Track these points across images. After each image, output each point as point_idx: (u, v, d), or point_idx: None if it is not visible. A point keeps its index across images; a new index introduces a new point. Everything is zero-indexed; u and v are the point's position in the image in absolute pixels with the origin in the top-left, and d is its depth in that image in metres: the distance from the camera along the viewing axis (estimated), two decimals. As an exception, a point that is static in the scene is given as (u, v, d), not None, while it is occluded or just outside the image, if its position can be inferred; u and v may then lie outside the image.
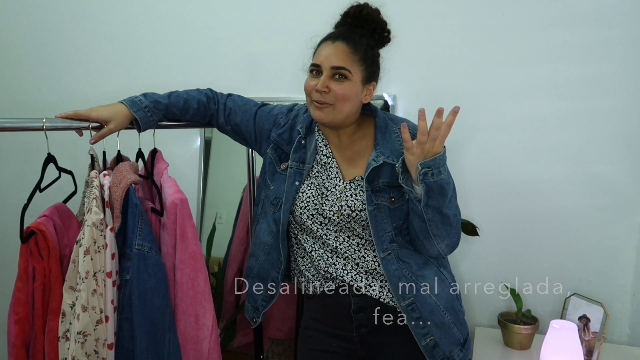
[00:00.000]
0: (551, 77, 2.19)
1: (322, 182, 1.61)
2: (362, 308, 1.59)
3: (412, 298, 1.54)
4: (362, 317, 1.59)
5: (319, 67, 1.52)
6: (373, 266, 1.57)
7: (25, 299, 1.39)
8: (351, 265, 1.58)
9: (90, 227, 1.37)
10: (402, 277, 1.54)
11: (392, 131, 1.61)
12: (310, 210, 1.58)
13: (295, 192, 1.61)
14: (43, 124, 1.40)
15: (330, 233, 1.59)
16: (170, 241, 1.53)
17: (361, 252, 1.58)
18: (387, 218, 1.55)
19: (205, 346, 1.56)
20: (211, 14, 2.53)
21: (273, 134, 1.67)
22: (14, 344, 1.38)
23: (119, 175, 1.47)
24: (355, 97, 1.54)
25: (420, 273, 1.58)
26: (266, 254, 1.67)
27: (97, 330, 1.38)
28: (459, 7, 2.26)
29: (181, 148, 2.57)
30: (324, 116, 1.53)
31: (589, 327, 1.97)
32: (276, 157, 1.66)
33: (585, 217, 2.21)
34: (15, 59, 2.75)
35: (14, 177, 2.74)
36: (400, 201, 1.56)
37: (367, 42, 1.56)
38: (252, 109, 1.74)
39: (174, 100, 1.66)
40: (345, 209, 1.55)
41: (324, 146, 1.64)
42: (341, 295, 1.60)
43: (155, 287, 1.46)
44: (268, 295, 1.69)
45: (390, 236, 1.55)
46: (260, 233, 1.68)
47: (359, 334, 1.61)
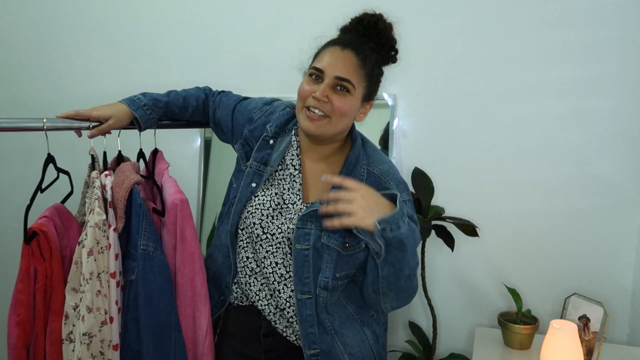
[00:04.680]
0: (551, 77, 2.19)
1: (281, 193, 1.50)
2: (272, 333, 1.53)
3: (318, 350, 1.46)
4: (271, 341, 1.54)
5: (322, 73, 1.39)
6: (283, 305, 1.49)
7: (26, 300, 1.38)
8: (265, 292, 1.51)
9: (93, 227, 1.36)
10: (314, 325, 1.45)
11: (358, 174, 1.47)
12: (255, 218, 1.49)
13: (250, 194, 1.51)
14: (43, 124, 1.39)
15: (261, 250, 1.50)
16: (170, 242, 1.52)
17: (280, 286, 1.49)
18: (330, 263, 1.44)
19: (199, 350, 1.55)
20: (211, 14, 2.53)
21: (245, 129, 1.58)
22: (14, 345, 1.37)
23: (122, 176, 1.47)
24: (352, 114, 1.43)
25: (341, 329, 1.49)
26: (224, 257, 1.58)
27: (102, 332, 1.37)
28: (459, 7, 2.26)
29: (181, 148, 2.57)
30: (314, 129, 1.40)
31: (589, 327, 1.97)
32: (242, 155, 1.58)
33: (585, 217, 2.21)
34: (15, 59, 2.74)
35: (14, 178, 2.74)
36: (355, 249, 1.44)
37: (376, 57, 1.44)
38: (232, 104, 1.65)
39: (173, 98, 1.65)
40: (290, 234, 1.45)
41: (295, 155, 1.52)
42: (253, 316, 1.54)
43: (161, 287, 1.45)
44: (220, 301, 1.60)
45: (325, 282, 1.43)
46: (222, 234, 1.59)
47: (268, 358, 1.54)
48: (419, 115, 2.35)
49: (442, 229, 2.15)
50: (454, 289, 2.38)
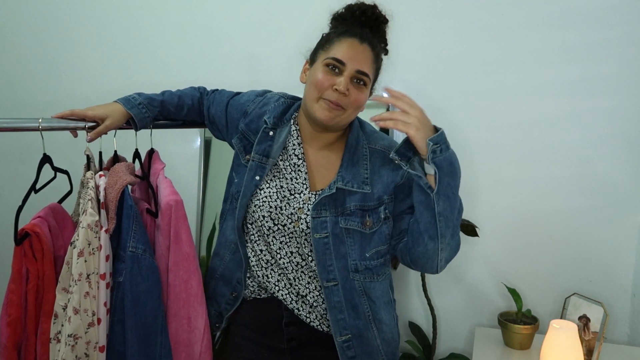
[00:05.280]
0: (551, 77, 2.18)
1: (287, 184, 1.51)
2: (294, 322, 1.54)
3: (350, 335, 1.48)
4: (294, 330, 1.54)
5: (343, 65, 1.39)
6: (304, 292, 1.50)
7: (18, 300, 1.38)
8: (284, 282, 1.52)
9: (85, 228, 1.36)
10: (344, 311, 1.47)
11: (360, 154, 1.50)
12: (263, 211, 1.49)
13: (254, 187, 1.51)
14: (39, 124, 1.39)
15: (275, 242, 1.51)
16: (164, 243, 1.51)
17: (298, 274, 1.51)
18: (354, 245, 1.46)
19: (196, 350, 1.54)
20: (211, 14, 2.53)
21: (241, 123, 1.59)
22: (5, 345, 1.37)
23: (115, 176, 1.46)
24: (363, 107, 1.47)
25: (379, 315, 1.51)
26: (232, 253, 1.59)
27: (88, 333, 1.37)
28: (459, 7, 2.25)
29: (181, 148, 2.57)
30: (330, 119, 1.42)
31: (589, 327, 1.96)
32: (241, 148, 1.58)
33: (585, 217, 2.20)
34: (15, 59, 2.75)
35: (10, 178, 2.74)
36: (377, 224, 1.47)
37: (382, 51, 1.49)
38: (225, 100, 1.66)
39: (168, 97, 1.66)
40: (302, 224, 1.47)
41: (297, 144, 1.53)
42: (272, 306, 1.55)
43: (148, 290, 1.45)
44: (232, 298, 1.61)
45: (354, 265, 1.46)
46: (227, 231, 1.60)
47: (290, 347, 1.55)
48: (418, 115, 2.34)
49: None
50: (454, 289, 2.38)
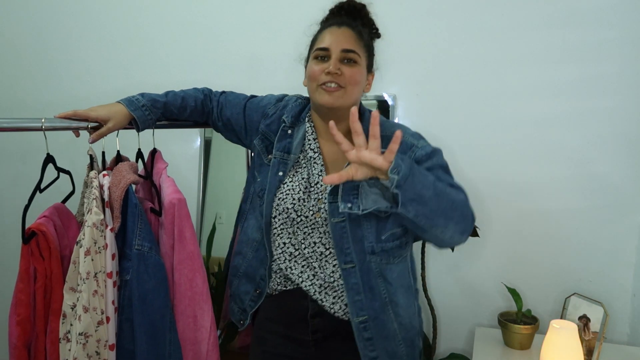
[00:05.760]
0: (551, 77, 2.18)
1: (307, 176, 1.55)
2: (319, 314, 1.56)
3: (366, 316, 1.50)
4: (319, 322, 1.56)
5: (327, 51, 1.47)
6: (330, 279, 1.53)
7: (26, 300, 1.38)
8: (308, 273, 1.54)
9: (91, 227, 1.36)
10: (361, 292, 1.49)
11: None
12: (287, 204, 1.53)
13: (278, 182, 1.55)
14: (42, 124, 1.39)
15: (299, 232, 1.54)
16: (168, 241, 1.52)
17: (322, 263, 1.53)
18: (370, 228, 1.48)
19: (203, 348, 1.54)
20: (211, 14, 2.53)
21: (262, 125, 1.64)
22: (15, 345, 1.38)
23: (119, 176, 1.47)
24: (362, 83, 1.51)
25: (396, 298, 1.52)
26: (254, 251, 1.61)
27: (98, 331, 1.37)
28: (458, 7, 2.26)
29: (181, 148, 2.57)
30: (334, 100, 1.46)
31: (589, 327, 1.97)
32: (263, 149, 1.62)
33: (585, 217, 2.20)
34: (15, 59, 2.75)
35: (12, 178, 2.74)
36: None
37: (367, 31, 1.54)
38: (242, 102, 1.71)
39: (172, 98, 1.66)
40: (323, 213, 1.50)
41: (312, 139, 1.57)
42: (298, 298, 1.56)
43: (156, 287, 1.45)
44: (256, 295, 1.63)
45: (371, 247, 1.48)
46: (248, 230, 1.63)
47: (315, 339, 1.57)
48: (419, 115, 2.34)
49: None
50: (454, 289, 2.38)
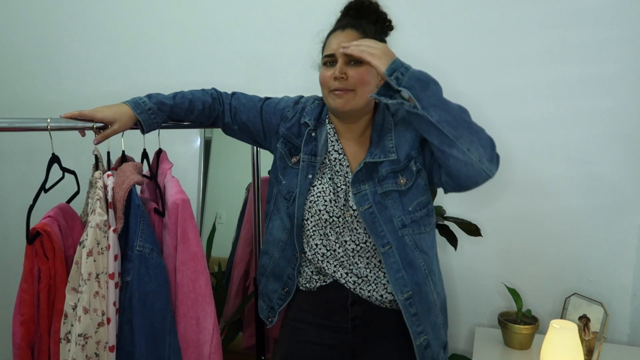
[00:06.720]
0: (551, 77, 2.19)
1: (333, 177, 1.59)
2: (358, 301, 1.59)
3: (410, 291, 1.53)
4: (358, 309, 1.59)
5: (333, 57, 1.51)
6: (364, 273, 1.56)
7: (30, 300, 1.38)
8: (341, 272, 1.58)
9: (94, 228, 1.36)
10: (401, 269, 1.52)
11: (386, 129, 1.59)
12: (319, 205, 1.56)
13: (309, 185, 1.59)
14: (48, 124, 1.38)
15: (332, 233, 1.57)
16: (171, 242, 1.52)
17: (354, 259, 1.57)
18: (397, 204, 1.53)
19: (206, 350, 1.54)
20: (211, 14, 2.53)
21: (282, 128, 1.66)
22: (19, 345, 1.38)
23: (122, 176, 1.46)
24: (373, 82, 1.52)
25: (432, 267, 1.58)
26: (281, 251, 1.65)
27: (98, 333, 1.37)
28: (459, 8, 2.26)
29: (181, 148, 2.57)
30: (345, 103, 1.51)
31: (589, 327, 1.97)
32: (286, 151, 1.65)
33: (585, 217, 2.21)
34: (15, 59, 2.74)
35: (17, 178, 2.74)
36: (412, 178, 1.54)
37: (374, 29, 1.56)
38: (257, 105, 1.72)
39: (179, 101, 1.65)
40: (350, 208, 1.55)
41: (335, 140, 1.61)
42: (337, 289, 1.60)
43: (156, 289, 1.45)
44: (284, 293, 1.67)
45: (401, 222, 1.52)
46: (274, 230, 1.66)
47: (353, 325, 1.61)
48: (419, 115, 2.34)
49: (445, 229, 2.16)
50: (454, 289, 2.38)
